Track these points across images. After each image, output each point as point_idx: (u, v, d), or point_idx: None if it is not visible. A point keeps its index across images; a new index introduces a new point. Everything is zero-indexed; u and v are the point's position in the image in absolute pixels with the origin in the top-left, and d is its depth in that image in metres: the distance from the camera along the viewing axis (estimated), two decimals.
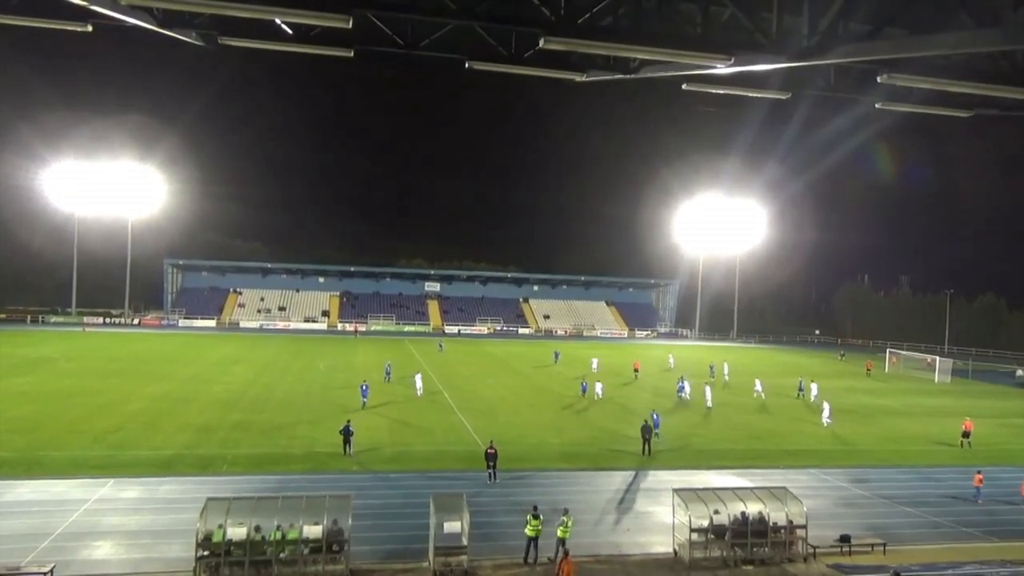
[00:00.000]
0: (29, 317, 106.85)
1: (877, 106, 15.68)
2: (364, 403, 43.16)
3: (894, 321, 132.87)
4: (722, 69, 12.96)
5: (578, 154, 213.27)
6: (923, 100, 15.32)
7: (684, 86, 15.54)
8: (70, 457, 30.02)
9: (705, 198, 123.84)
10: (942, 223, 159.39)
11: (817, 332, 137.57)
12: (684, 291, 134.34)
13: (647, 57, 13.70)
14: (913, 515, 26.84)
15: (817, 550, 22.10)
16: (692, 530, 21.36)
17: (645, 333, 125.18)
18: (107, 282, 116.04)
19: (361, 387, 44.88)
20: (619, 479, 30.04)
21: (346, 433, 31.84)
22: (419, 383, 49.17)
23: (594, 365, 66.61)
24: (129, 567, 19.78)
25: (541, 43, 12.30)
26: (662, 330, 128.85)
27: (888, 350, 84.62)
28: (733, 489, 23.77)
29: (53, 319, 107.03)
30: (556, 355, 76.09)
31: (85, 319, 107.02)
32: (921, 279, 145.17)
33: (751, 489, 23.87)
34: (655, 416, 37.39)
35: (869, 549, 22.65)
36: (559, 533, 20.95)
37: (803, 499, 23.22)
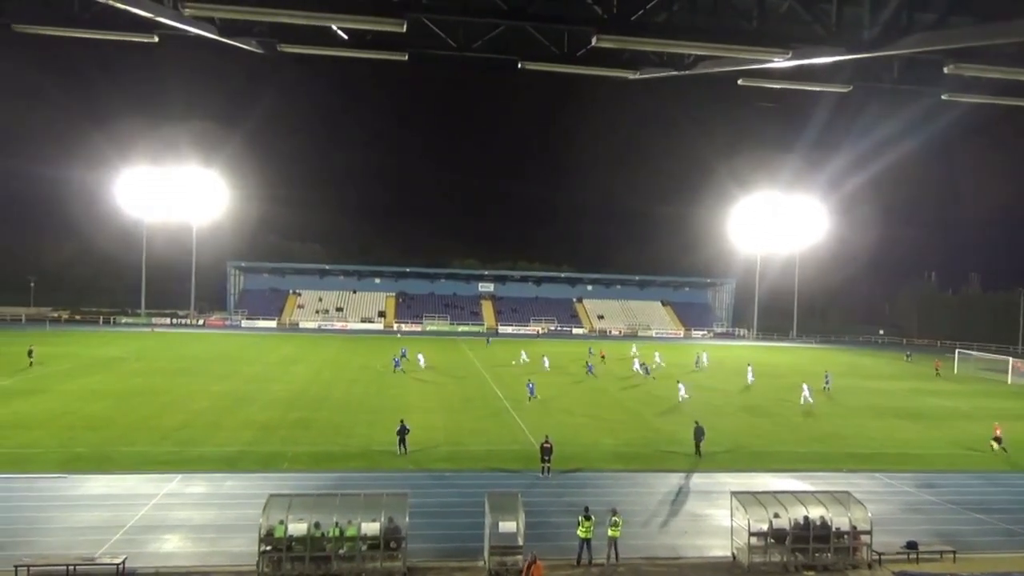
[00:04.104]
0: (102, 318, 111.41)
1: (944, 98, 15.12)
2: (396, 370, 59.44)
3: (963, 320, 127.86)
4: (780, 63, 12.69)
5: (631, 152, 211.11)
6: (993, 90, 14.73)
7: (740, 81, 15.26)
8: (140, 453, 31.17)
9: (762, 195, 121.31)
10: (1015, 218, 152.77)
11: (881, 332, 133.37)
12: (741, 290, 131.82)
13: (702, 53, 13.52)
14: (985, 522, 25.76)
15: (883, 557, 21.42)
16: (751, 534, 20.94)
17: (702, 333, 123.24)
18: (174, 284, 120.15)
19: (394, 360, 62.09)
20: (673, 480, 29.67)
21: (402, 432, 32.28)
22: (421, 360, 63.54)
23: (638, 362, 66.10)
24: (195, 560, 20.43)
25: (594, 41, 12.25)
26: (719, 330, 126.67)
27: (957, 350, 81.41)
28: (793, 492, 23.23)
29: (124, 320, 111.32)
30: (657, 357, 71.49)
31: (154, 320, 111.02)
32: (992, 276, 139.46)
33: (812, 493, 23.30)
34: (530, 384, 48.29)
35: (938, 557, 21.84)
36: (609, 533, 20.84)
37: (867, 504, 22.50)
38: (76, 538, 21.46)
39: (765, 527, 21.06)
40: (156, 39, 16.00)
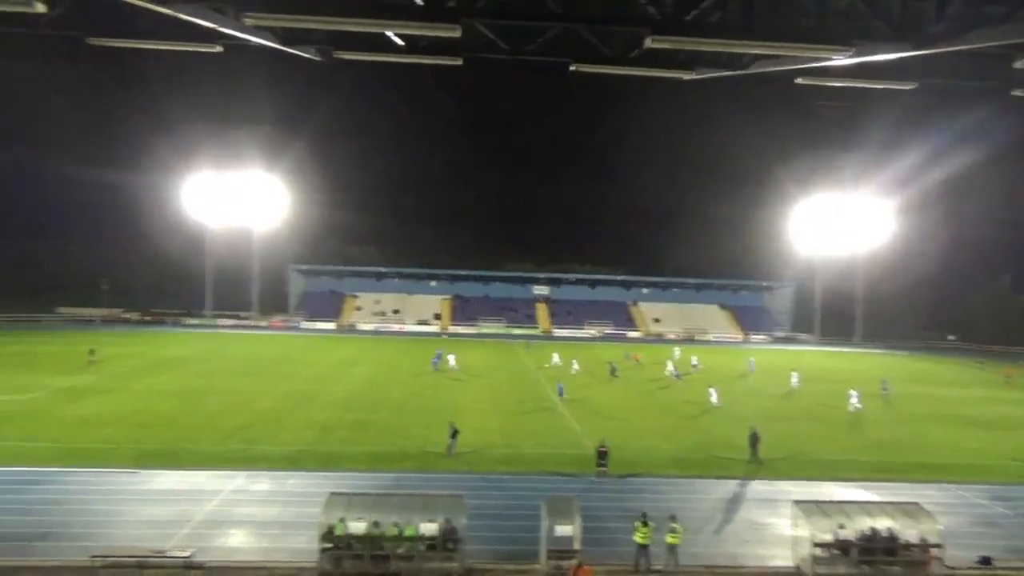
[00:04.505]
0: (169, 320, 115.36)
1: (1014, 93, 14.50)
2: (435, 368, 61.32)
3: None
4: (841, 60, 12.38)
5: (686, 153, 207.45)
6: None
7: (798, 80, 14.94)
8: (206, 450, 32.18)
9: (824, 195, 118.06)
10: None
11: (951, 338, 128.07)
12: (802, 293, 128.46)
13: (759, 52, 13.28)
14: None
15: (955, 572, 20.61)
16: (815, 544, 20.42)
17: (761, 337, 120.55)
18: (236, 287, 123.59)
19: (432, 361, 63.13)
20: (731, 487, 29.17)
21: (453, 435, 32.68)
22: (452, 361, 62.53)
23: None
24: (260, 555, 21.01)
25: (648, 42, 12.16)
26: (778, 334, 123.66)
27: None
28: (859, 503, 22.57)
29: (190, 321, 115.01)
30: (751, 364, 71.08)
31: (219, 321, 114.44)
32: None
33: (878, 503, 22.59)
34: (559, 385, 50.14)
35: (1015, 574, 20.91)
36: (668, 540, 20.62)
37: (937, 516, 21.70)
38: (147, 531, 22.30)
39: (830, 538, 20.52)
40: (220, 49, 16.58)
